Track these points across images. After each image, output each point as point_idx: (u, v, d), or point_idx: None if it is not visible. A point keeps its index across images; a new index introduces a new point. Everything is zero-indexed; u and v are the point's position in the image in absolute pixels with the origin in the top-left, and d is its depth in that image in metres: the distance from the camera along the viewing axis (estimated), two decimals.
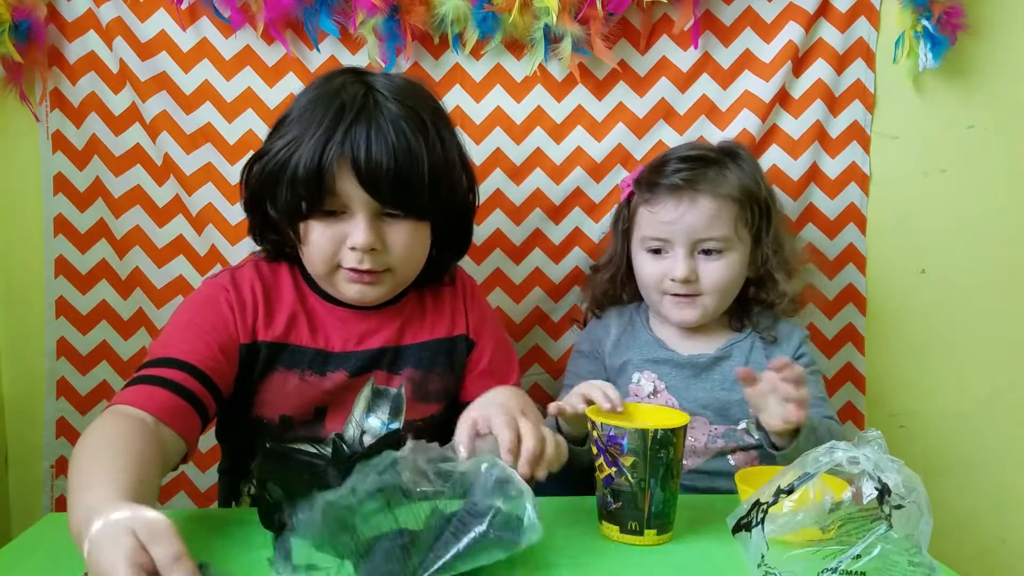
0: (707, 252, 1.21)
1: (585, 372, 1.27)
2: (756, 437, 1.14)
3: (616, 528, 0.93)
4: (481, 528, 0.76)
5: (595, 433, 0.94)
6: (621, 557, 0.91)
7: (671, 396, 1.24)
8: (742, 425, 1.22)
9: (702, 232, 1.20)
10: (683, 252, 1.21)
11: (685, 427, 0.94)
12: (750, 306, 1.29)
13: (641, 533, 0.93)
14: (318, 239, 1.05)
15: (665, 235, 1.22)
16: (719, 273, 1.21)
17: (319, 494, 0.78)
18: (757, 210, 1.23)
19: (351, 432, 1.11)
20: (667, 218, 1.21)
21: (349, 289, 1.08)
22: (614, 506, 0.93)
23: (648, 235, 1.24)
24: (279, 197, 1.05)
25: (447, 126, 1.10)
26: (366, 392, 1.12)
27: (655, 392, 1.25)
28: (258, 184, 1.08)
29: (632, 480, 0.92)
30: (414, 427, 1.11)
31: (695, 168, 1.22)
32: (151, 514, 0.71)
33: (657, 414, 1.01)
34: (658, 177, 1.23)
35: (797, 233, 1.48)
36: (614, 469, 0.92)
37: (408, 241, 1.06)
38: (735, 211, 1.21)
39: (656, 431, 0.91)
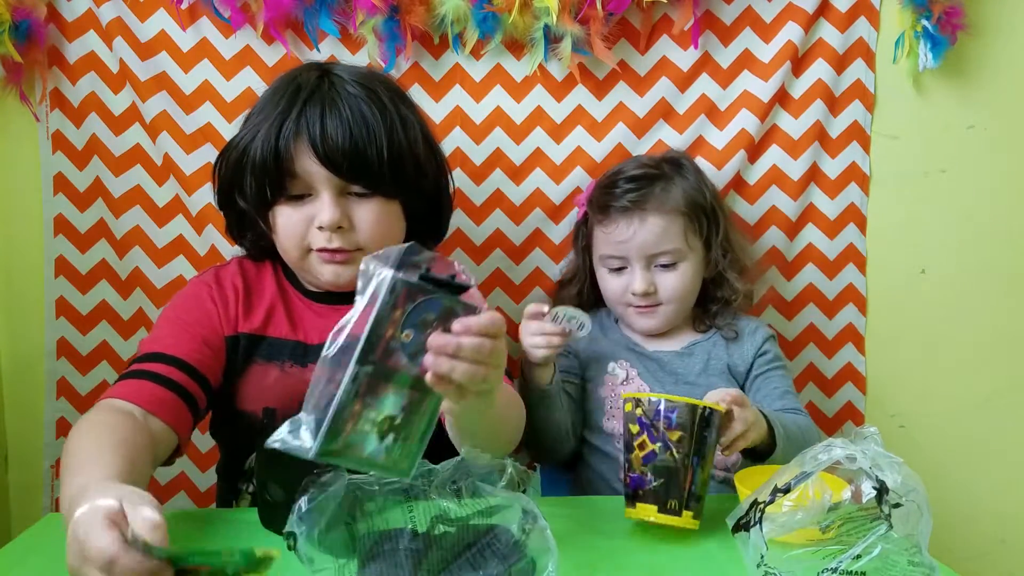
0: (662, 266, 1.27)
1: (561, 368, 1.31)
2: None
3: (654, 507, 0.94)
4: (500, 569, 0.76)
5: (639, 410, 0.95)
6: (621, 556, 0.91)
7: (643, 383, 1.29)
8: None
9: (654, 248, 1.26)
10: (640, 267, 1.27)
11: (722, 414, 0.97)
12: (709, 305, 1.34)
13: (679, 513, 0.94)
14: (286, 222, 1.07)
15: (621, 253, 1.27)
16: (675, 283, 1.27)
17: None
18: (705, 218, 1.29)
19: None
20: (621, 238, 1.27)
21: (324, 271, 1.09)
22: (654, 484, 0.94)
23: (606, 254, 1.30)
24: (245, 186, 1.07)
25: (410, 108, 1.11)
26: None
27: (627, 379, 1.29)
28: (225, 177, 1.10)
29: (677, 455, 0.93)
30: None
31: (641, 187, 1.27)
32: (138, 494, 0.72)
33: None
34: (608, 199, 1.29)
35: (797, 234, 1.49)
36: (658, 445, 0.93)
37: (376, 219, 1.06)
38: (683, 223, 1.27)
39: (705, 408, 0.94)
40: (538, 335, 1.17)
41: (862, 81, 1.46)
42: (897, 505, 0.72)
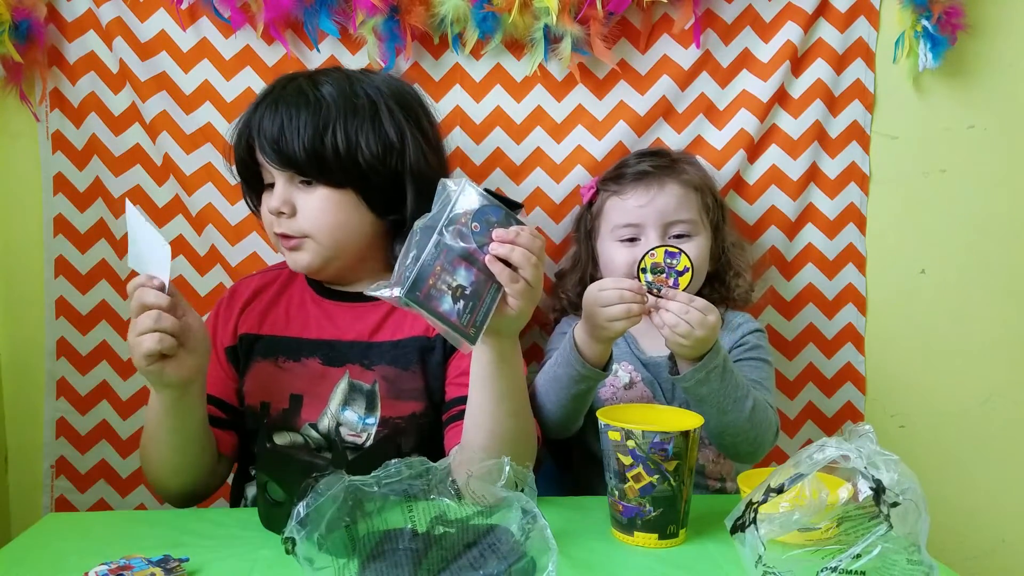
0: (678, 236, 1.25)
1: None
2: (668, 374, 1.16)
3: (654, 536, 0.93)
4: (500, 568, 0.76)
5: (631, 443, 0.92)
6: (622, 557, 0.91)
7: (646, 388, 1.27)
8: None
9: (672, 215, 1.25)
10: (655, 235, 1.25)
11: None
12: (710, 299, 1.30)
13: (677, 535, 0.94)
14: (263, 211, 1.17)
15: (637, 220, 1.26)
16: (691, 254, 1.23)
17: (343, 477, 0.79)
18: (714, 200, 1.31)
19: (325, 423, 1.13)
20: (639, 202, 1.26)
21: (287, 257, 1.16)
22: (652, 514, 0.92)
23: (620, 223, 1.27)
24: (242, 178, 1.20)
25: (382, 98, 1.13)
26: (343, 385, 1.14)
27: (631, 384, 1.28)
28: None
29: (674, 484, 0.92)
30: (393, 425, 1.13)
31: (656, 160, 1.30)
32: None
33: (652, 413, 1.02)
34: (623, 169, 1.30)
35: (796, 234, 1.49)
36: (656, 476, 0.91)
37: (320, 207, 1.11)
38: (697, 198, 1.28)
39: (696, 430, 0.93)
40: (617, 303, 1.06)
41: (862, 81, 1.46)
42: (895, 504, 0.72)
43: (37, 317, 1.44)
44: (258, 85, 1.40)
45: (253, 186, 1.19)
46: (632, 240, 1.27)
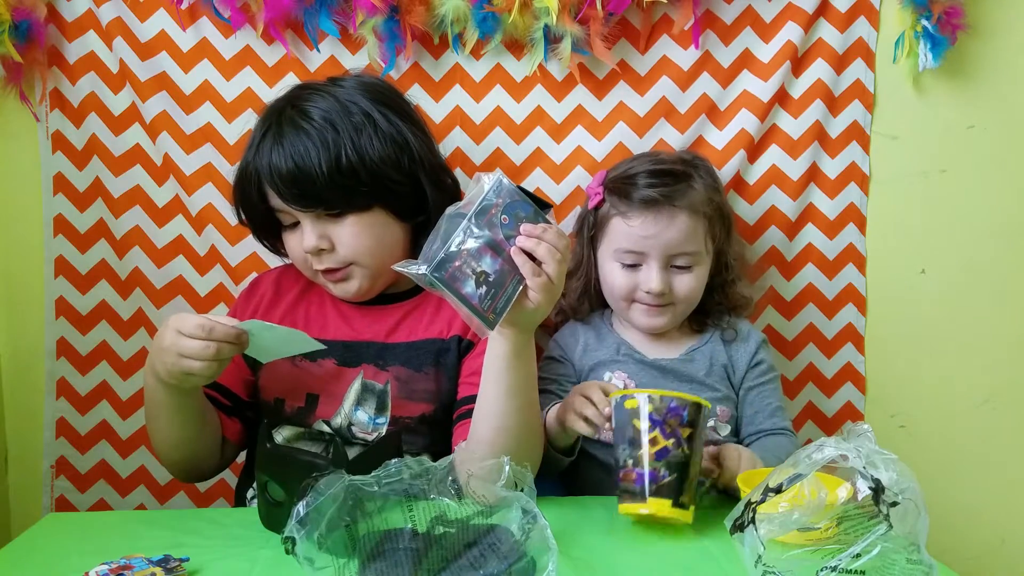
0: (678, 267, 1.24)
1: (556, 375, 1.29)
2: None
3: (668, 502, 0.94)
4: (501, 568, 0.76)
5: (650, 407, 0.96)
6: (622, 556, 0.91)
7: None
8: (711, 423, 1.24)
9: (677, 247, 1.23)
10: (658, 265, 1.23)
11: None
12: (710, 310, 1.32)
13: (687, 507, 0.96)
14: (291, 251, 1.18)
15: (641, 248, 1.24)
16: (690, 285, 1.25)
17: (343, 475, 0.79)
18: (721, 221, 1.28)
19: (338, 421, 1.14)
20: (646, 232, 1.23)
21: (333, 289, 1.16)
22: (667, 479, 0.95)
23: (623, 248, 1.25)
24: (251, 223, 1.20)
25: (382, 113, 1.12)
26: (356, 385, 1.16)
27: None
28: (237, 207, 1.20)
29: (687, 451, 0.96)
30: (403, 425, 1.14)
31: (668, 183, 1.24)
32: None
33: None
34: (632, 190, 1.25)
35: (796, 234, 1.49)
36: (671, 440, 0.95)
37: (355, 233, 1.12)
38: (705, 226, 1.25)
39: (706, 408, 0.98)
40: (585, 410, 1.07)
41: (862, 81, 1.46)
42: (895, 503, 0.72)
43: (37, 317, 1.44)
44: (258, 85, 1.40)
45: (264, 227, 1.20)
46: (633, 266, 1.25)
